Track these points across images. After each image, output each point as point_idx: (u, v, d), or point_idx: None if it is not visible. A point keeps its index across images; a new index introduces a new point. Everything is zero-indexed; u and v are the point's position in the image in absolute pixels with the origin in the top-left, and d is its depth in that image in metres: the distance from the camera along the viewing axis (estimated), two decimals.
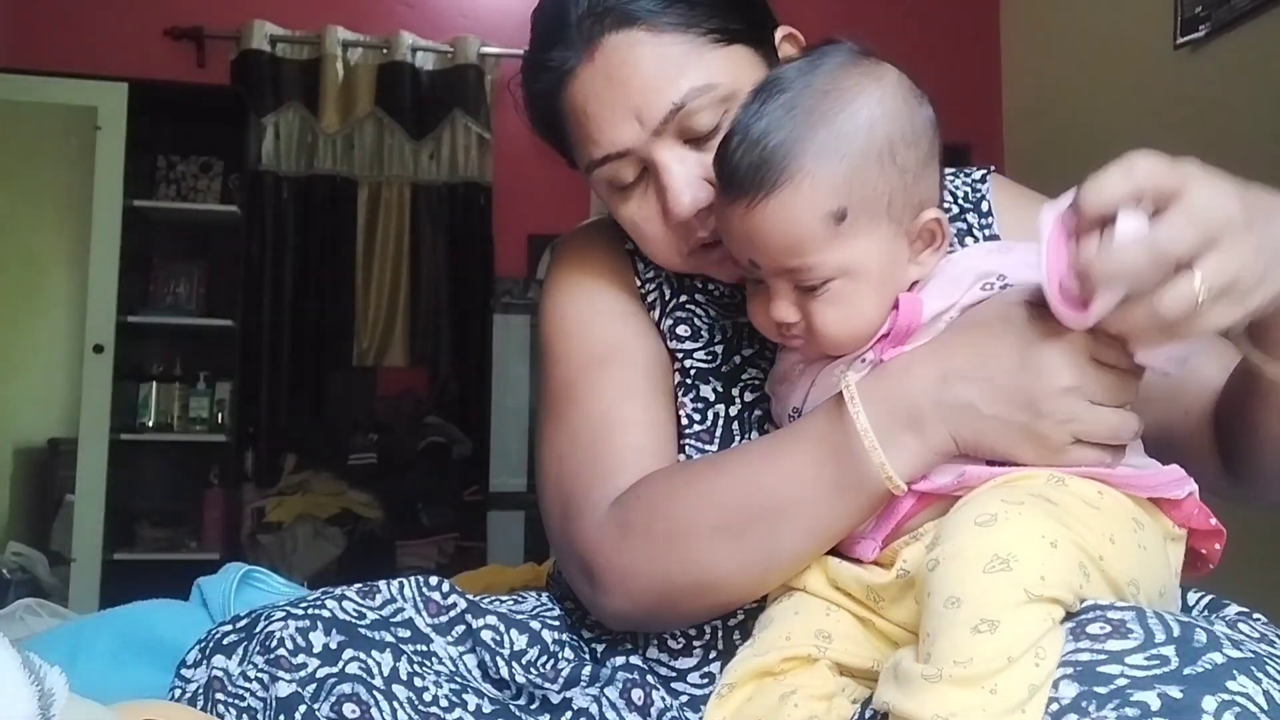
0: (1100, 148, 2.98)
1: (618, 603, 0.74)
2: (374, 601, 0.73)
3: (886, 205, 0.69)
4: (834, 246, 0.68)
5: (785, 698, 0.65)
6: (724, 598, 0.73)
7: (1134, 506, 0.63)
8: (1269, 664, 0.51)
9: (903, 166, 0.69)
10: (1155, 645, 0.52)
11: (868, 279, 0.69)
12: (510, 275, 3.50)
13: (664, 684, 0.79)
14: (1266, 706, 0.48)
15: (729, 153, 0.70)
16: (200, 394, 3.23)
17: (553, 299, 0.89)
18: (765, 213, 0.67)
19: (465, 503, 3.28)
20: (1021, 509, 0.58)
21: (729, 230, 0.71)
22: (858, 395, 0.66)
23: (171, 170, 3.31)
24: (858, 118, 0.68)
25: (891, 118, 0.69)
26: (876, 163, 0.68)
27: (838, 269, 0.68)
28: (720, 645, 0.79)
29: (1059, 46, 3.32)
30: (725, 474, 0.73)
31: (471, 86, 3.45)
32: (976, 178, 0.93)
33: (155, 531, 3.13)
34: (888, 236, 0.69)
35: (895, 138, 0.69)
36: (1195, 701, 0.48)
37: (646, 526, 0.73)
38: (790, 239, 0.68)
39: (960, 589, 0.55)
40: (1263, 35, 2.42)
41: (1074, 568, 0.56)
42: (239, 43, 3.36)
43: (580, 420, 0.81)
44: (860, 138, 0.68)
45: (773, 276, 0.70)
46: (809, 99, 0.69)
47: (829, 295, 0.69)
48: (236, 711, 0.65)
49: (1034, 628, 0.53)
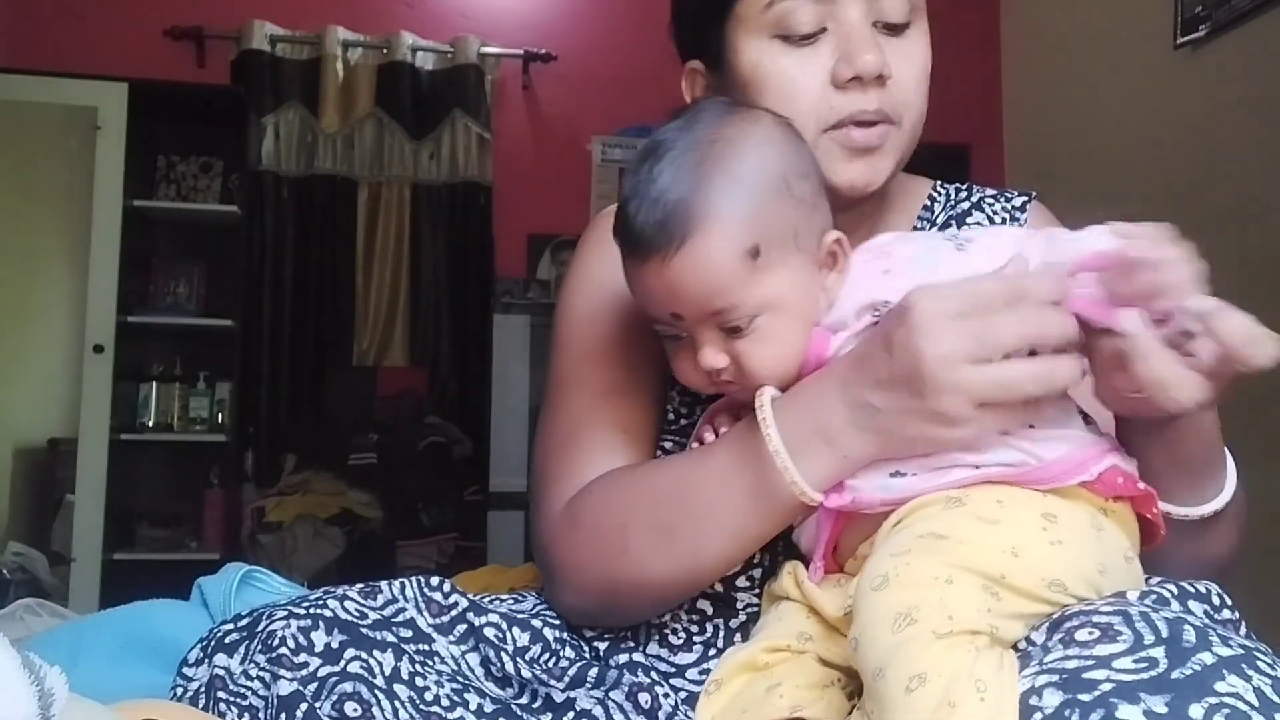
0: (1100, 148, 2.98)
1: (569, 597, 0.79)
2: (376, 602, 0.73)
3: (794, 236, 0.70)
4: (753, 283, 0.69)
5: (771, 689, 0.65)
6: (659, 594, 0.76)
7: (1045, 501, 0.62)
8: (1259, 659, 0.51)
9: (799, 198, 0.71)
10: (1144, 647, 0.51)
11: (789, 311, 0.70)
12: (510, 275, 3.50)
13: (664, 680, 0.79)
14: (1258, 703, 0.48)
15: (630, 218, 0.70)
16: (200, 394, 3.23)
17: (566, 286, 0.92)
18: (682, 263, 0.68)
19: (465, 503, 3.28)
20: (908, 559, 0.58)
21: (646, 291, 0.72)
22: (769, 409, 0.69)
23: (171, 170, 3.31)
24: (749, 159, 0.70)
25: (779, 155, 0.72)
26: (776, 197, 0.70)
27: (760, 305, 0.69)
28: (720, 643, 0.79)
29: (1059, 46, 3.32)
30: (663, 475, 0.77)
31: (471, 86, 3.45)
32: (1017, 204, 0.93)
33: (155, 531, 3.13)
34: (800, 266, 0.71)
35: (787, 172, 0.71)
36: (1182, 711, 0.48)
37: (593, 524, 0.76)
38: (711, 283, 0.68)
39: (880, 658, 0.55)
40: (1263, 35, 2.42)
41: (977, 594, 0.56)
42: (239, 43, 3.36)
43: (562, 415, 0.85)
44: (756, 176, 0.70)
45: (697, 325, 0.71)
46: (696, 151, 0.70)
47: (756, 334, 0.70)
48: (238, 710, 0.65)
49: (961, 665, 0.53)
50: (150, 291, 3.27)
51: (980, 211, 0.93)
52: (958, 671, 0.53)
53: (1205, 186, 2.56)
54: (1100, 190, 2.86)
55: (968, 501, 0.62)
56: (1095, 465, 0.64)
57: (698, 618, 0.81)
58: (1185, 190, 2.61)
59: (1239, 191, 2.45)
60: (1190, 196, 2.58)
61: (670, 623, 0.81)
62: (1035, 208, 0.94)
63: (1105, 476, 0.64)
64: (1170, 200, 2.63)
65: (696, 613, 0.81)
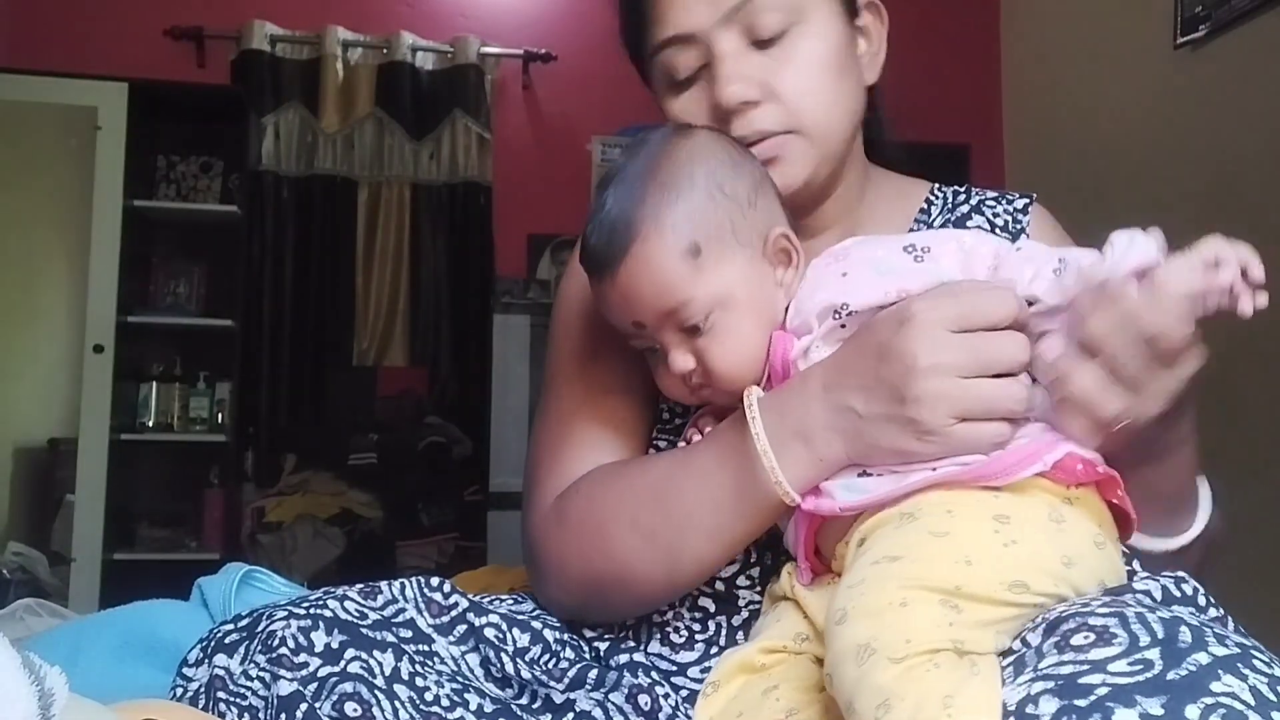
0: (1100, 148, 2.98)
1: (554, 591, 0.81)
2: (376, 602, 0.73)
3: (732, 232, 0.74)
4: (700, 280, 0.72)
5: (768, 692, 0.66)
6: (640, 592, 0.77)
7: (997, 503, 0.62)
8: (1256, 657, 0.51)
9: (733, 195, 0.74)
10: (1139, 649, 0.51)
11: (741, 306, 0.73)
12: (510, 275, 3.50)
13: (665, 679, 0.79)
14: (1254, 702, 0.48)
15: (587, 242, 0.76)
16: (200, 394, 3.23)
17: (563, 286, 0.95)
18: (630, 271, 0.73)
19: (465, 503, 3.28)
20: (863, 589, 0.58)
21: (610, 307, 0.76)
22: (756, 407, 0.71)
23: (171, 170, 3.31)
24: (680, 169, 0.74)
25: (706, 158, 0.75)
26: (707, 197, 0.74)
27: (712, 300, 0.73)
28: (722, 641, 0.79)
29: (1059, 46, 3.32)
30: (648, 473, 0.78)
31: (471, 86, 3.45)
32: (1019, 206, 0.93)
33: (155, 531, 3.13)
34: (746, 261, 0.74)
35: (716, 172, 0.75)
36: (1178, 713, 0.47)
37: (578, 520, 0.78)
38: (659, 285, 0.72)
39: (848, 692, 0.56)
40: (1263, 35, 2.42)
41: (935, 610, 0.56)
42: (239, 43, 3.36)
43: (553, 411, 0.88)
44: (684, 181, 0.74)
45: (659, 330, 0.74)
46: (633, 173, 0.75)
47: (714, 331, 0.73)
48: (238, 710, 0.65)
49: (924, 685, 0.53)
50: (150, 291, 3.27)
51: (980, 215, 0.92)
52: (923, 692, 0.53)
53: (1205, 186, 2.56)
54: (1100, 190, 2.86)
55: (920, 516, 0.62)
56: (1049, 454, 0.63)
57: (700, 615, 0.81)
58: (1185, 190, 2.61)
59: (1239, 191, 2.45)
60: (1190, 196, 2.58)
61: (672, 620, 0.81)
62: (1037, 210, 0.93)
63: (1063, 464, 0.63)
64: (1170, 200, 2.63)
65: (699, 610, 0.81)
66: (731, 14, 0.79)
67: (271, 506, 3.07)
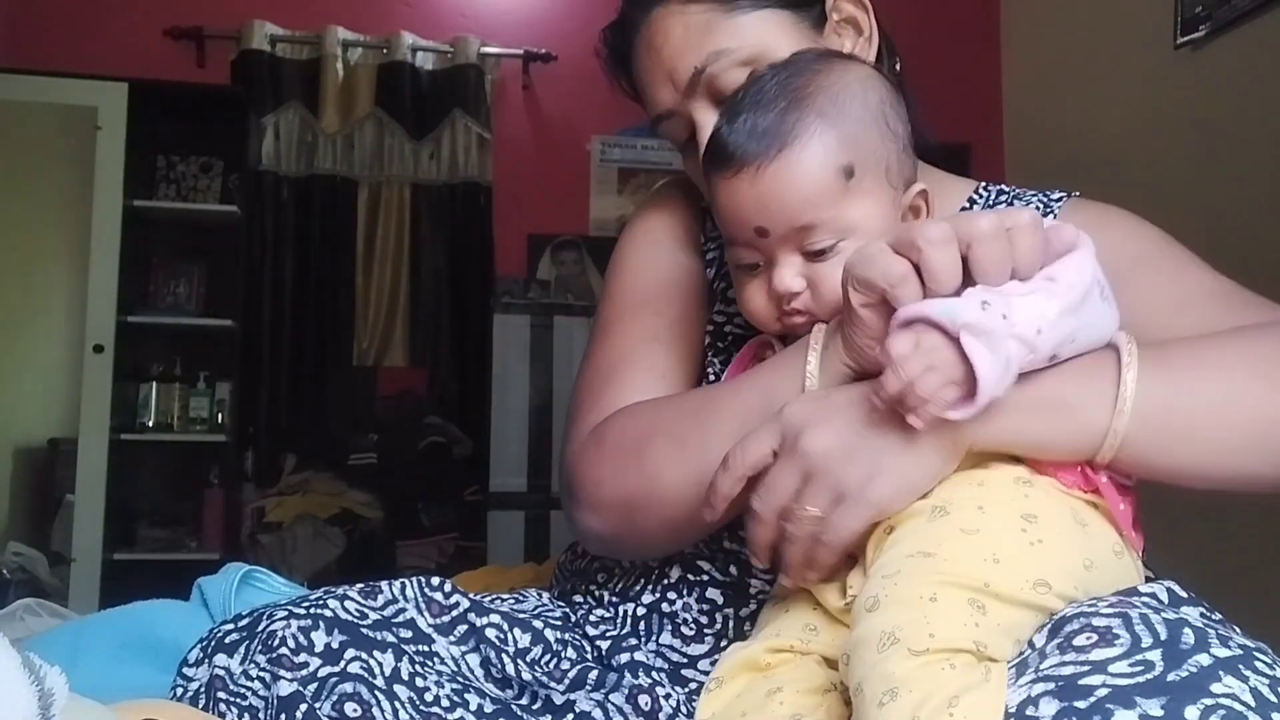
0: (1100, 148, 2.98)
1: (588, 517, 0.81)
2: (376, 602, 0.73)
3: (885, 169, 0.73)
4: (844, 203, 0.71)
5: (771, 694, 0.65)
6: (668, 513, 0.76)
7: (1026, 502, 0.62)
8: (1258, 659, 0.50)
9: (895, 133, 0.74)
10: (1141, 650, 0.51)
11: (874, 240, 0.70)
12: (510, 275, 3.50)
13: (674, 673, 0.79)
14: (1254, 703, 0.48)
15: (725, 132, 0.73)
16: (200, 394, 3.23)
17: (622, 239, 0.98)
18: (779, 171, 0.70)
19: (465, 503, 3.28)
20: (897, 579, 0.58)
21: (734, 203, 0.73)
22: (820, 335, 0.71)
23: (171, 170, 3.31)
24: (851, 85, 0.73)
25: (879, 89, 0.75)
26: (875, 125, 0.73)
27: (846, 228, 0.71)
28: (731, 634, 0.79)
29: (1059, 46, 3.32)
30: (689, 397, 0.81)
31: (471, 86, 3.45)
32: (1055, 198, 0.94)
33: (155, 531, 3.13)
34: (888, 201, 0.73)
35: (886, 105, 0.74)
36: (1177, 714, 0.47)
37: (616, 440, 0.79)
38: (804, 193, 0.70)
39: (861, 675, 0.56)
40: (1263, 35, 2.42)
41: (962, 609, 0.56)
42: (239, 43, 3.36)
43: (602, 357, 0.89)
44: (857, 101, 0.73)
45: (780, 244, 0.72)
46: (799, 77, 0.73)
47: (839, 257, 0.71)
48: (238, 710, 0.65)
49: (935, 681, 0.53)
50: (150, 291, 3.26)
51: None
52: (932, 688, 0.53)
53: (1205, 186, 2.55)
54: (1100, 190, 2.85)
55: (951, 510, 0.62)
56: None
57: (708, 608, 0.80)
58: (1185, 190, 2.61)
59: (1239, 191, 2.45)
60: (1190, 196, 2.58)
61: (681, 612, 0.81)
62: (1073, 204, 0.93)
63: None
64: (1170, 200, 2.63)
65: (706, 602, 0.81)
66: (691, 90, 0.83)
67: (271, 506, 3.07)
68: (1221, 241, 2.36)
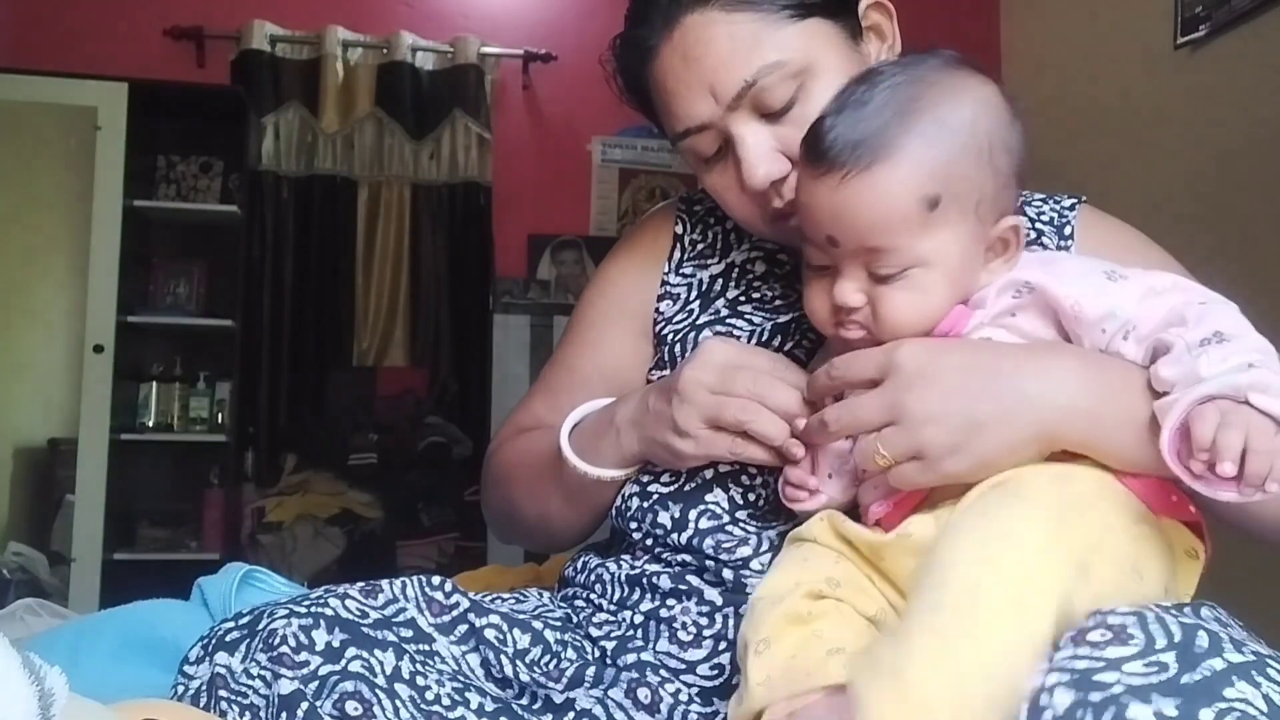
0: (1100, 148, 2.97)
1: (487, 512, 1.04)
2: (376, 601, 0.73)
3: (976, 204, 0.69)
4: (921, 233, 0.68)
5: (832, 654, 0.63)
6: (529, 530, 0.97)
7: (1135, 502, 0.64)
8: (1270, 666, 0.51)
9: (996, 169, 0.70)
10: (1155, 651, 0.51)
11: (945, 273, 0.69)
12: (510, 275, 3.50)
13: (674, 677, 0.78)
14: (1266, 709, 0.48)
15: (825, 128, 0.70)
16: (200, 394, 3.23)
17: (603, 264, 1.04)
18: (859, 187, 0.67)
19: (465, 503, 3.27)
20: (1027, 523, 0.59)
21: (813, 205, 0.71)
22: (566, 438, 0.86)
23: (171, 170, 3.31)
24: (962, 111, 0.69)
25: (993, 119, 0.70)
26: (975, 159, 0.69)
27: (919, 257, 0.68)
28: (730, 636, 0.78)
29: (1059, 47, 3.32)
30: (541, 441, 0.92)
31: (471, 86, 3.45)
32: (1066, 205, 0.93)
33: (155, 531, 3.13)
34: (970, 235, 0.70)
35: (995, 139, 0.70)
36: (1191, 715, 0.48)
37: (498, 466, 0.99)
38: (881, 217, 0.67)
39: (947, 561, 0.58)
40: (1263, 35, 2.41)
41: (1065, 570, 0.57)
42: (239, 43, 3.35)
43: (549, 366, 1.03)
44: (964, 131, 0.69)
45: (849, 258, 0.70)
46: (913, 87, 0.70)
47: (903, 283, 0.69)
48: (239, 709, 0.65)
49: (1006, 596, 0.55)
50: (150, 291, 3.26)
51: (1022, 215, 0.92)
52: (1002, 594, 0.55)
53: (1205, 187, 2.55)
54: (1100, 190, 2.85)
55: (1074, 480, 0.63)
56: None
57: (707, 609, 0.79)
58: (1185, 190, 2.61)
59: (1239, 192, 2.45)
60: (1190, 197, 2.58)
61: (680, 616, 0.80)
62: (1085, 210, 0.93)
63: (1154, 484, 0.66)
64: (1170, 200, 2.63)
65: (706, 604, 0.79)
66: (736, 102, 0.79)
67: (271, 506, 3.07)
68: (1222, 241, 2.37)
